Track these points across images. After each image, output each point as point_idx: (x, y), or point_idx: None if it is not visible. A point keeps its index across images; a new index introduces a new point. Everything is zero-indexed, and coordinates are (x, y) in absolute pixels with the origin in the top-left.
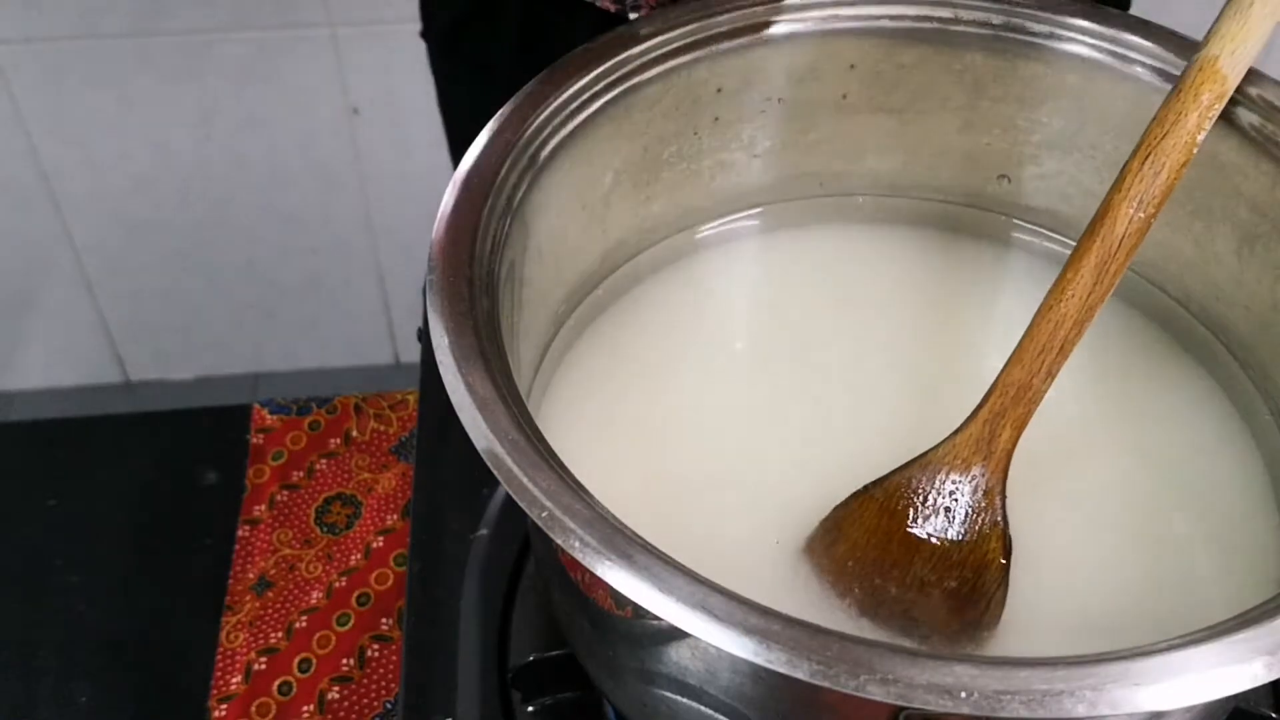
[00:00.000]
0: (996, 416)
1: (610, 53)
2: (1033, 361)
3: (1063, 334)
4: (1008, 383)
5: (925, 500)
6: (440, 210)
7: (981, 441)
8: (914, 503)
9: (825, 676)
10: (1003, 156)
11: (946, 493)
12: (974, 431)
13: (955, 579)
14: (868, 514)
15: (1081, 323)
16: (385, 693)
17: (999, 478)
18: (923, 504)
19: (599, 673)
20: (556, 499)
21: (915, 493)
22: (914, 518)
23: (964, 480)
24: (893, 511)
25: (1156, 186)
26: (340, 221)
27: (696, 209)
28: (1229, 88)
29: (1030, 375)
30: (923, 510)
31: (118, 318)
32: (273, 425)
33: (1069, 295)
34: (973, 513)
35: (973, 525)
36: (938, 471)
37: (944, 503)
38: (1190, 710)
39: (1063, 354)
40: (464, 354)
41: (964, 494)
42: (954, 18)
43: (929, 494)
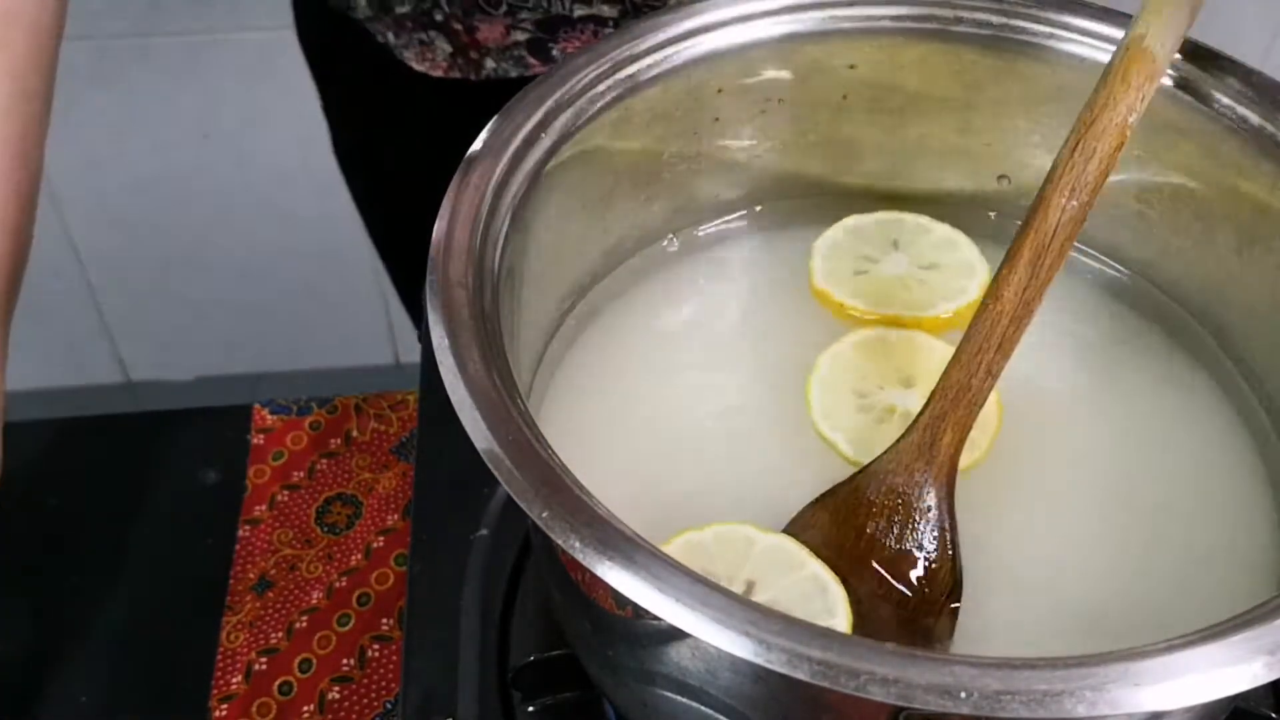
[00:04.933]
0: (937, 420)
1: (610, 53)
2: (971, 361)
3: (1000, 331)
4: (947, 385)
5: (873, 509)
6: (441, 211)
7: (923, 447)
8: (862, 512)
9: (825, 676)
10: (1003, 156)
11: (893, 500)
12: (915, 438)
13: (906, 587)
14: (820, 524)
15: (1020, 319)
16: (386, 693)
17: (944, 482)
18: (870, 513)
19: (599, 673)
20: (556, 499)
21: (863, 502)
22: (862, 527)
23: (909, 487)
24: (842, 522)
25: (1089, 174)
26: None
27: (697, 209)
28: (1160, 67)
29: (969, 375)
30: (871, 519)
31: (118, 318)
32: (273, 425)
33: (1005, 292)
34: (919, 519)
35: (919, 532)
36: (884, 479)
37: (890, 510)
38: (1190, 710)
39: (1002, 352)
40: (464, 354)
41: (910, 500)
42: (954, 18)
43: (876, 502)
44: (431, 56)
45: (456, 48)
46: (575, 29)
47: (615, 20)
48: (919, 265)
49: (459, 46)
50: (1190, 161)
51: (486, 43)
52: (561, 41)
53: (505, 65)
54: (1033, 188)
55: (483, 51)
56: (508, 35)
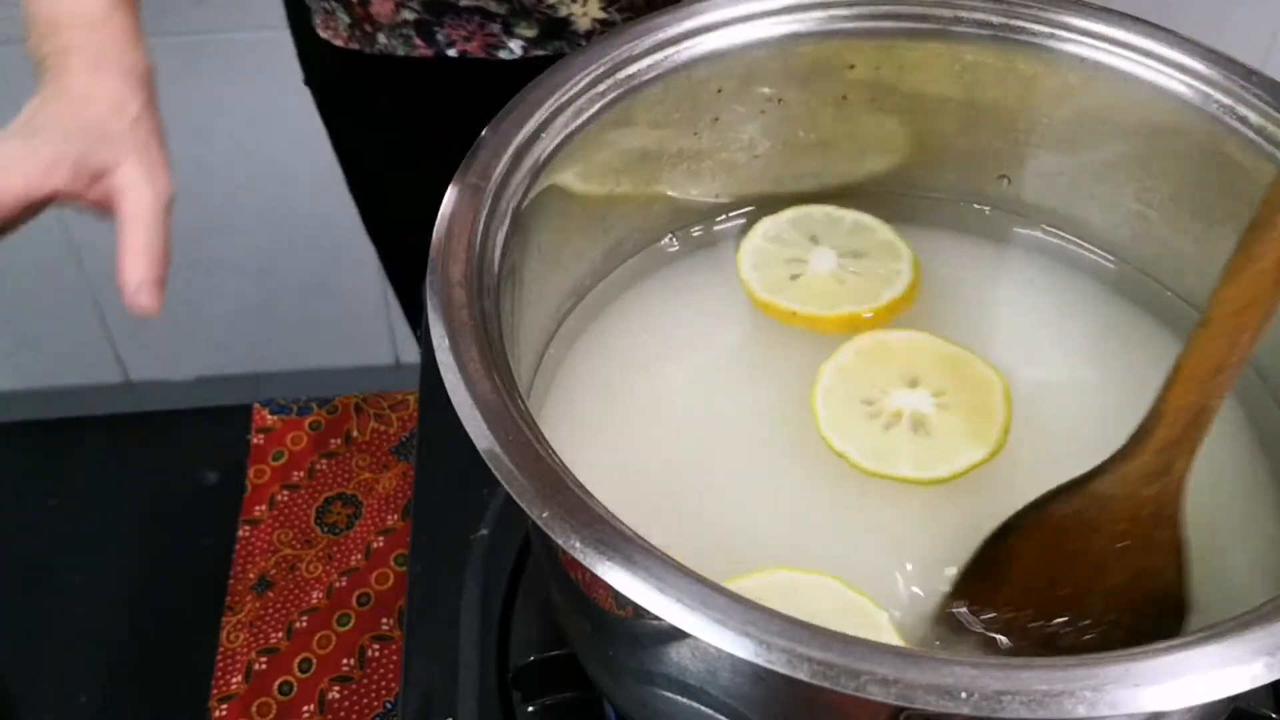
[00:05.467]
0: (1172, 445)
1: (610, 53)
2: (1209, 381)
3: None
4: (1183, 406)
5: (1094, 534)
6: (441, 211)
7: (1156, 473)
8: (1078, 538)
9: (825, 676)
10: (1003, 156)
11: (1119, 527)
12: (1146, 462)
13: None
14: (1028, 553)
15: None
16: (385, 693)
17: (1177, 506)
18: (1091, 539)
19: (599, 673)
20: (556, 499)
21: (1080, 526)
22: (1081, 553)
23: (1139, 512)
24: (1053, 547)
25: None
26: (340, 222)
27: (697, 209)
28: None
29: (1207, 397)
30: (1091, 544)
31: (118, 318)
32: (273, 425)
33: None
34: (1147, 545)
35: (1147, 557)
36: (1105, 504)
37: (1116, 536)
38: (1190, 710)
39: (1240, 366)
40: (464, 354)
41: (1141, 526)
42: (954, 18)
43: (1099, 528)
44: (334, 25)
45: (353, 19)
46: (460, 17)
47: (501, 16)
48: (846, 255)
49: (355, 19)
50: (1190, 161)
51: (378, 18)
52: (446, 27)
53: (395, 42)
54: (1033, 188)
55: (375, 26)
56: (397, 13)
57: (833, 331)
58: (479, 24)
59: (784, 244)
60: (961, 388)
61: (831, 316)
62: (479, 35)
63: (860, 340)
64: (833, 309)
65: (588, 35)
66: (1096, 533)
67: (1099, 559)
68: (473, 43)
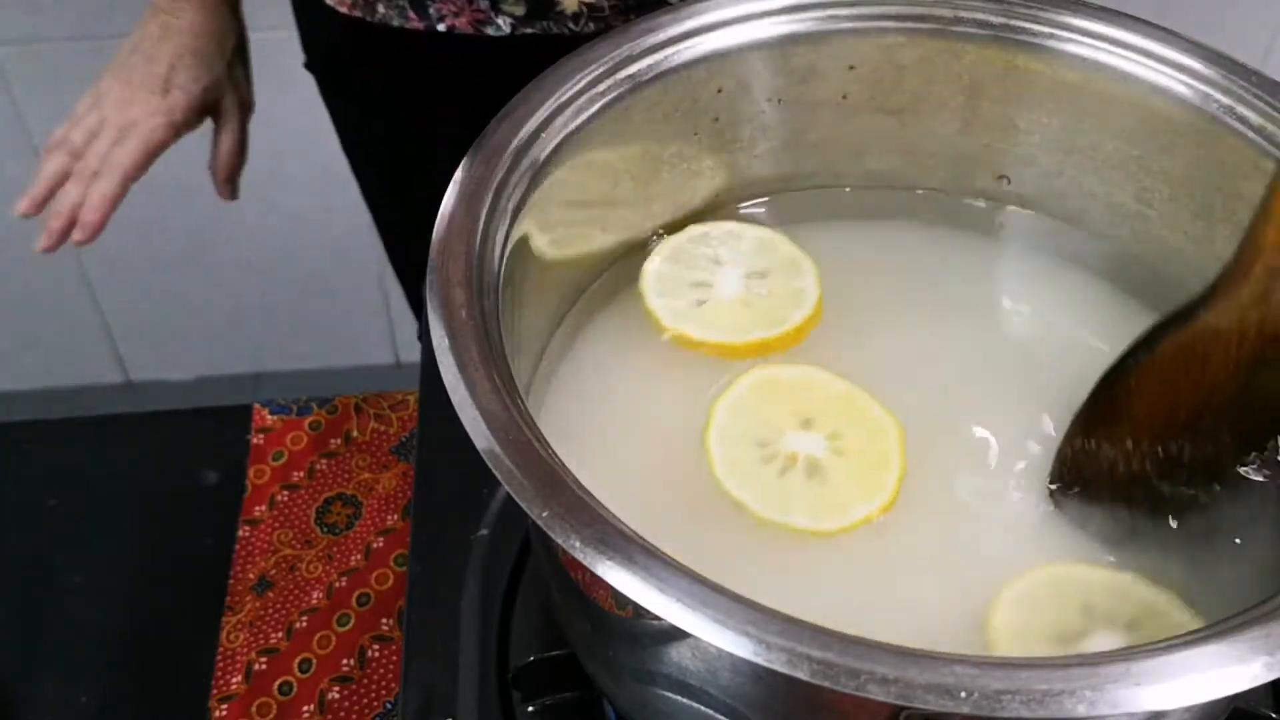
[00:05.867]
0: (1272, 274)
1: (610, 53)
2: None
3: None
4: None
5: (1206, 362)
6: (441, 211)
7: (1258, 300)
8: (1194, 367)
9: (825, 676)
10: (1003, 157)
11: (1230, 351)
12: (1251, 291)
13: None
14: (1147, 387)
15: None
16: (386, 693)
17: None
18: (1203, 365)
19: (599, 673)
20: (556, 499)
21: (1195, 357)
22: (1198, 377)
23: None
24: (1176, 379)
25: None
26: (340, 222)
27: (696, 210)
28: None
29: None
30: (1204, 371)
31: (118, 318)
32: (273, 425)
33: None
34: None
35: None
36: (1217, 334)
37: (1228, 360)
38: (1190, 710)
39: None
40: (464, 354)
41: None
42: (954, 18)
43: (1212, 355)
44: None
45: None
46: None
47: None
48: (751, 276)
49: None
50: (1189, 161)
51: None
52: (438, 1)
53: (391, 12)
54: (1033, 188)
55: None
56: None
57: (745, 358)
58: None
59: (686, 265)
60: (855, 430)
61: (742, 344)
62: (467, 10)
63: (753, 376)
64: (743, 335)
65: (575, 17)
66: (1208, 359)
67: (1210, 383)
68: (461, 18)
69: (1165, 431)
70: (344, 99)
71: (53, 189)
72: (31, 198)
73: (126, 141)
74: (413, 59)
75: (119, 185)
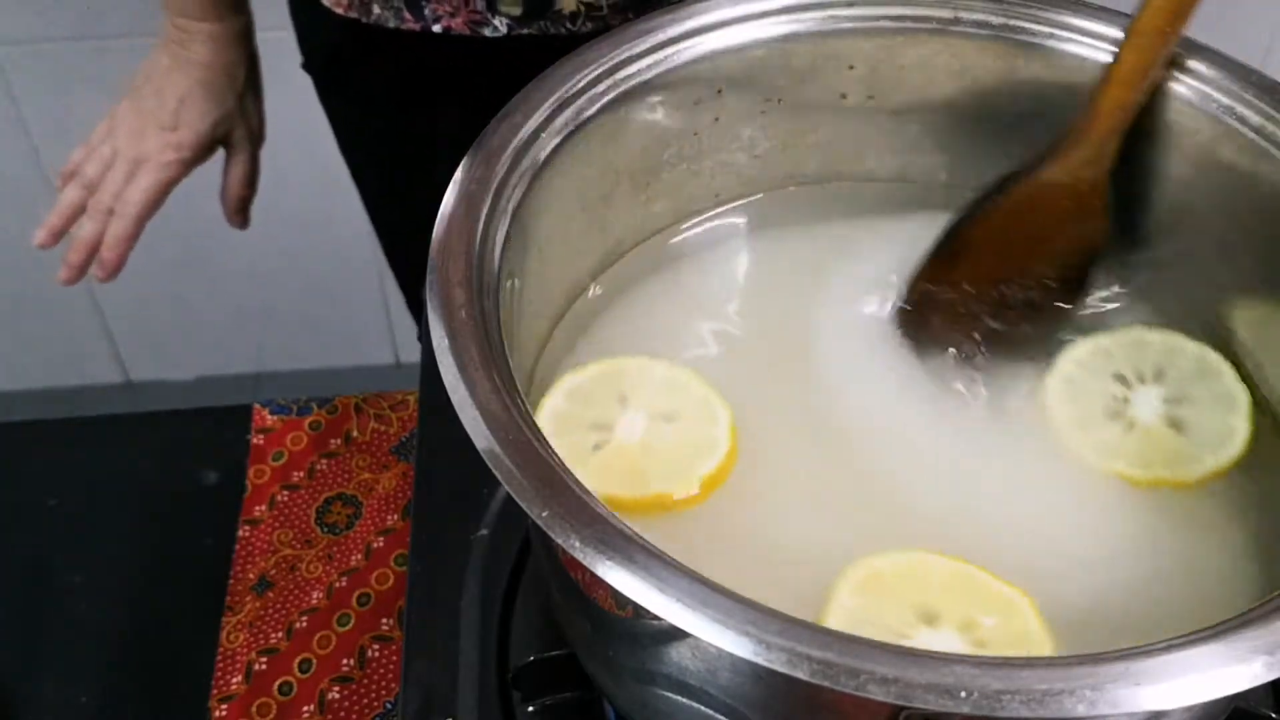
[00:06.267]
0: (1108, 135)
1: (610, 53)
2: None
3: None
4: (1113, 105)
5: (1041, 212)
6: (441, 211)
7: (1093, 160)
8: (1031, 218)
9: (825, 676)
10: (1002, 157)
11: (1066, 203)
12: (1087, 152)
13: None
14: (990, 231)
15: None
16: (386, 693)
17: (1106, 178)
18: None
19: (599, 673)
20: (556, 499)
21: (1033, 207)
22: (1032, 230)
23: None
24: (1015, 226)
25: None
26: (341, 222)
27: (696, 210)
28: None
29: (1135, 92)
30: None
31: (118, 318)
32: (273, 425)
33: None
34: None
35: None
36: (1054, 188)
37: (1060, 211)
38: (1190, 710)
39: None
40: (464, 354)
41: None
42: (954, 18)
43: (1046, 206)
44: None
45: None
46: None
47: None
48: (657, 418)
49: None
50: (1190, 161)
51: None
52: (434, 1)
53: (386, 13)
54: None
55: None
56: None
57: (642, 514)
58: (462, 1)
59: (588, 404)
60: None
61: (637, 499)
62: (463, 10)
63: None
64: (639, 489)
65: (572, 18)
66: (1044, 211)
67: (1044, 232)
68: (457, 18)
69: (1001, 273)
70: (343, 99)
71: (69, 221)
72: (49, 229)
73: (138, 179)
74: (412, 59)
75: (134, 225)
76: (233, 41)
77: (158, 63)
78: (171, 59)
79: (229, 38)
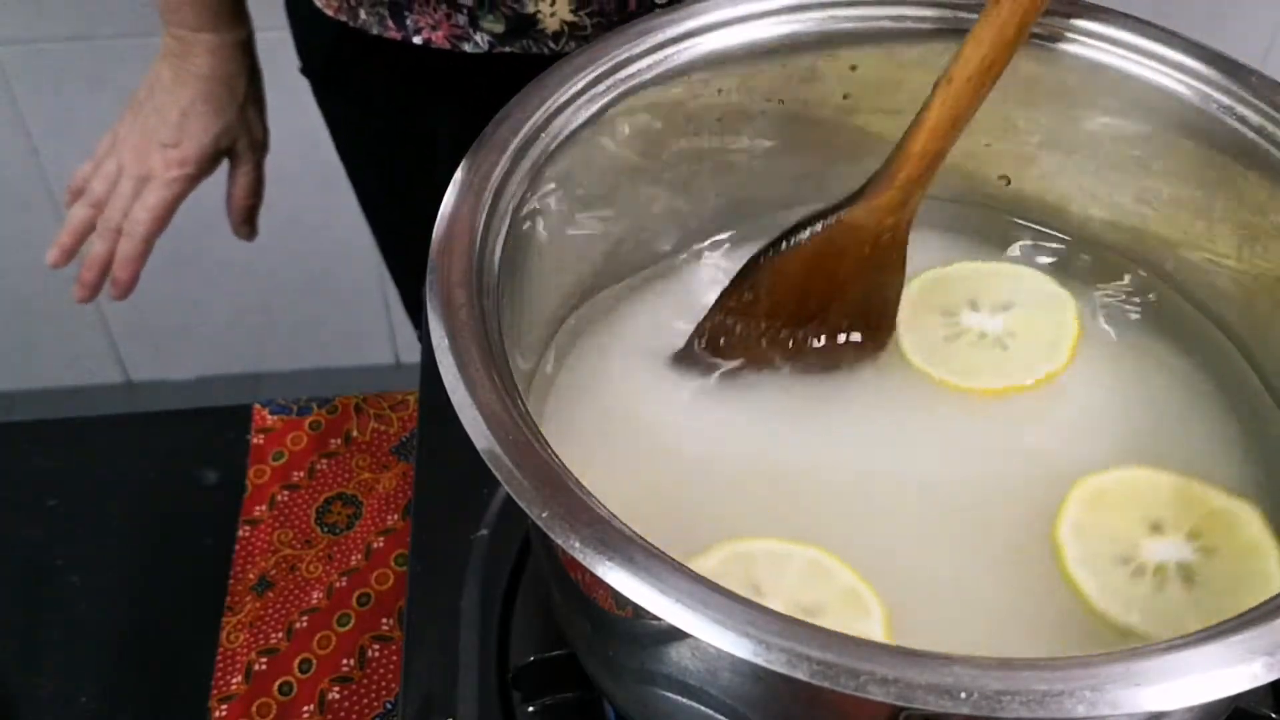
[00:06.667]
0: (913, 184)
1: (610, 53)
2: (948, 134)
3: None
4: (926, 151)
5: (844, 256)
6: (441, 211)
7: (898, 205)
8: (833, 260)
9: (825, 676)
10: (1003, 157)
11: (863, 249)
12: (891, 197)
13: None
14: (789, 270)
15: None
16: (386, 693)
17: (906, 231)
18: (841, 260)
19: (599, 673)
20: (556, 499)
21: (834, 251)
22: (833, 272)
23: (880, 235)
24: (813, 269)
25: None
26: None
27: (697, 210)
28: None
29: (945, 145)
30: (841, 265)
31: (118, 318)
32: (273, 425)
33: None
34: (882, 263)
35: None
36: (857, 231)
37: (861, 259)
38: (1190, 710)
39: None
40: (464, 354)
41: (881, 247)
42: (954, 18)
43: (848, 251)
44: None
45: None
46: (428, 4)
47: (468, 7)
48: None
49: None
50: (1190, 161)
51: None
52: (415, 13)
53: (371, 19)
54: (1033, 188)
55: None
56: None
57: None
58: (445, 13)
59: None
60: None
61: None
62: (445, 25)
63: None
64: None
65: (555, 37)
66: (844, 255)
67: (843, 277)
68: (438, 32)
69: (797, 314)
70: (342, 101)
71: (79, 239)
72: (61, 248)
73: (144, 197)
74: (410, 61)
75: (142, 244)
76: (232, 53)
77: (158, 77)
78: (172, 73)
79: (228, 49)
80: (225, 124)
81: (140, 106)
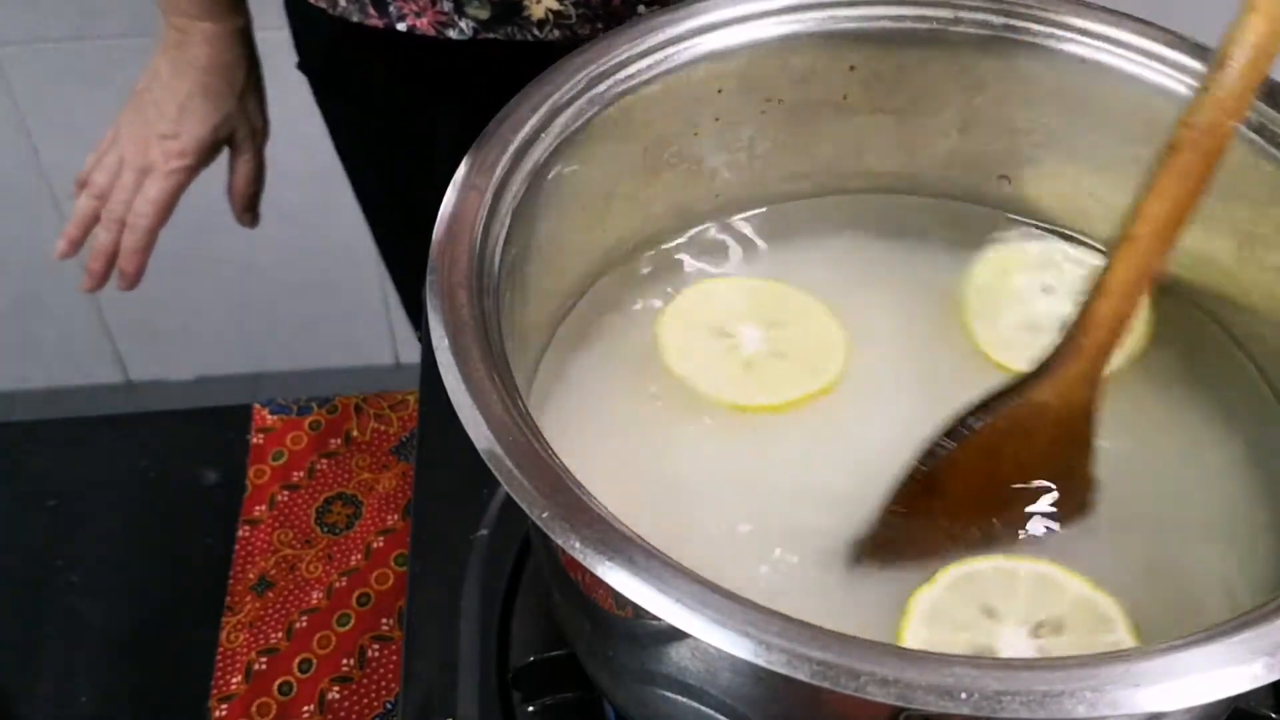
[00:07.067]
0: (1102, 352)
1: (610, 53)
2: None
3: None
4: (1107, 317)
5: (1030, 437)
6: (441, 211)
7: (1085, 379)
8: (1019, 442)
9: (825, 677)
10: (1003, 157)
11: (1052, 431)
12: (1080, 368)
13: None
14: (969, 460)
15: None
16: (385, 693)
17: (1099, 403)
18: (1027, 441)
19: (599, 673)
20: (556, 499)
21: (1022, 432)
22: (1017, 456)
23: (1070, 413)
24: (993, 453)
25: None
26: (340, 222)
27: (697, 210)
28: None
29: (1130, 305)
30: (1027, 447)
31: (118, 318)
32: (273, 425)
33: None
34: (1072, 439)
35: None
36: (1045, 410)
37: (1050, 438)
38: (1190, 710)
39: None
40: (464, 354)
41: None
42: (954, 18)
43: (1037, 431)
44: None
45: None
46: None
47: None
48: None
49: None
50: None
51: None
52: (398, 0)
53: (350, 6)
54: (1033, 188)
55: None
56: None
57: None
58: (430, 1)
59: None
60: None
61: None
62: (429, 10)
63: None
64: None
65: (540, 25)
66: (1032, 436)
67: (1030, 460)
68: (423, 18)
69: (977, 510)
70: (341, 100)
71: (85, 230)
72: (67, 239)
73: (146, 189)
74: (410, 59)
75: (146, 236)
76: (230, 41)
77: (157, 69)
78: (170, 64)
79: (226, 37)
80: (223, 115)
81: (140, 99)
